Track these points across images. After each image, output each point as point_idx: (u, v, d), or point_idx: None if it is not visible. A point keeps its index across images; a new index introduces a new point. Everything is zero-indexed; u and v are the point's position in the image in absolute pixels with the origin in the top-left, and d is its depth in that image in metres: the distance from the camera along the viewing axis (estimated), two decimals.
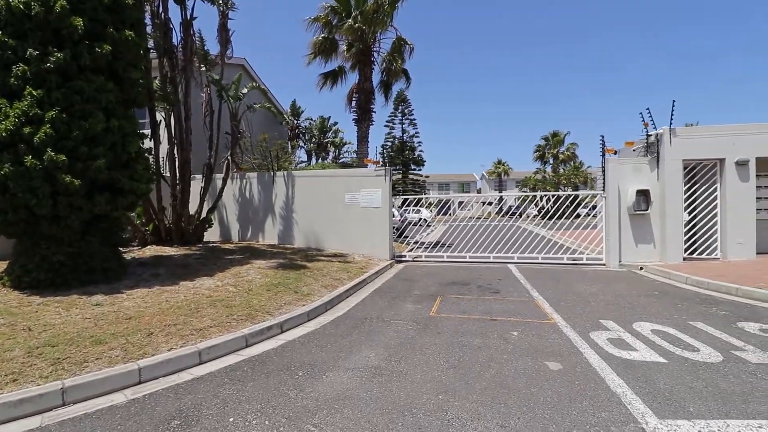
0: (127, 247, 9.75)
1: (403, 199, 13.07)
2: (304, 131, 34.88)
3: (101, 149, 5.97)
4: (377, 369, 3.85)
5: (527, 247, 10.97)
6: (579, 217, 16.30)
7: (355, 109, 16.76)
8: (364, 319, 5.62)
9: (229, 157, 12.20)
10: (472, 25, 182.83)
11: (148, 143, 7.98)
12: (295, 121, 32.48)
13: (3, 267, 6.49)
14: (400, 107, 32.86)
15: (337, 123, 36.21)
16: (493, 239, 11.55)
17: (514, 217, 20.30)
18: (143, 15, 7.44)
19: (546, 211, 12.63)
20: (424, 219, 21.63)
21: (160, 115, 10.67)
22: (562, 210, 11.81)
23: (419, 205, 16.74)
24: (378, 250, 10.69)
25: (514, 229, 12.05)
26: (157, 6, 10.09)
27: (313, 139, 35.55)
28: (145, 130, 8.74)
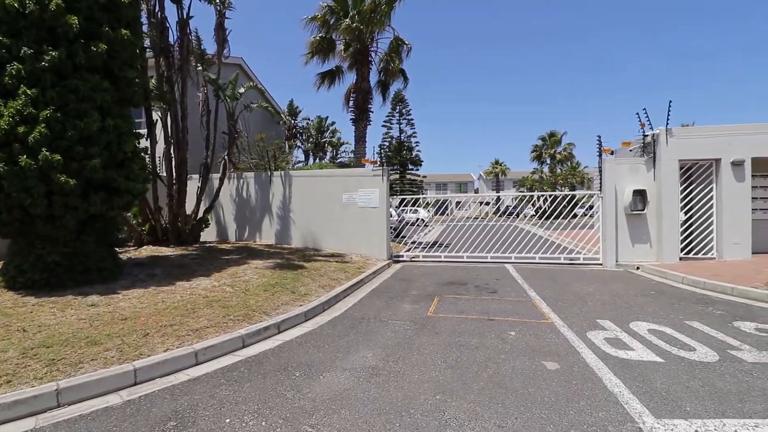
0: (123, 247, 9.70)
1: (400, 199, 13.07)
2: (301, 131, 34.84)
3: (97, 149, 5.93)
4: (375, 369, 3.84)
5: (524, 247, 10.98)
6: (576, 217, 16.37)
7: (352, 109, 16.75)
8: (361, 319, 5.61)
9: (226, 157, 12.16)
10: (470, 24, 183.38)
11: (144, 143, 7.93)
12: (293, 121, 32.44)
13: None
14: (398, 107, 32.87)
15: (334, 123, 36.26)
16: (490, 239, 11.56)
17: (511, 217, 20.34)
18: (139, 14, 7.40)
19: (543, 211, 12.66)
20: (421, 219, 21.65)
21: (156, 115, 10.64)
22: (559, 210, 11.83)
23: (417, 205, 16.74)
24: (375, 250, 10.68)
25: (512, 229, 12.07)
26: (153, 5, 10.05)
27: (310, 139, 35.52)
28: (141, 129, 8.70)
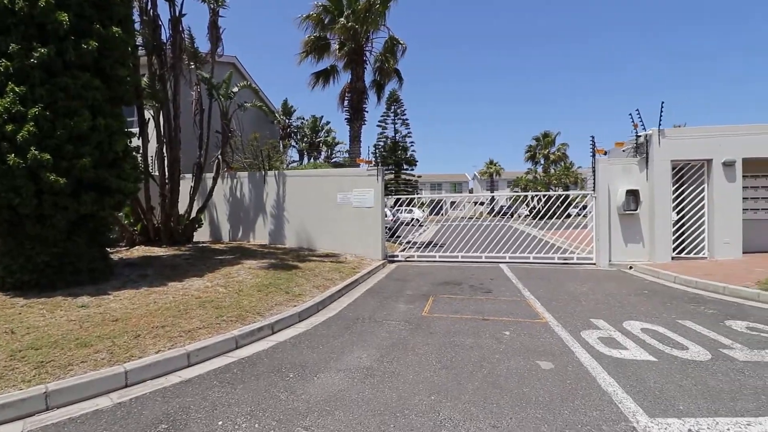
0: (115, 248, 9.59)
1: (395, 199, 13.05)
2: (296, 130, 34.72)
3: (87, 148, 5.85)
4: (369, 370, 3.81)
5: (519, 247, 11.02)
6: (570, 217, 16.45)
7: (347, 109, 16.72)
8: (356, 319, 5.58)
9: (219, 156, 12.06)
10: (470, 24, 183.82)
11: (136, 142, 7.85)
12: (287, 121, 32.31)
13: None
14: (393, 107, 32.87)
15: (329, 122, 36.17)
16: (485, 239, 11.59)
17: (505, 217, 20.41)
18: (131, 11, 7.32)
19: (537, 211, 12.72)
20: (416, 219, 21.65)
21: (148, 114, 10.52)
22: (553, 210, 11.89)
23: (411, 204, 16.74)
24: (370, 250, 10.66)
25: (506, 229, 12.11)
26: (145, 2, 9.95)
27: (305, 139, 35.41)
28: (133, 128, 8.60)
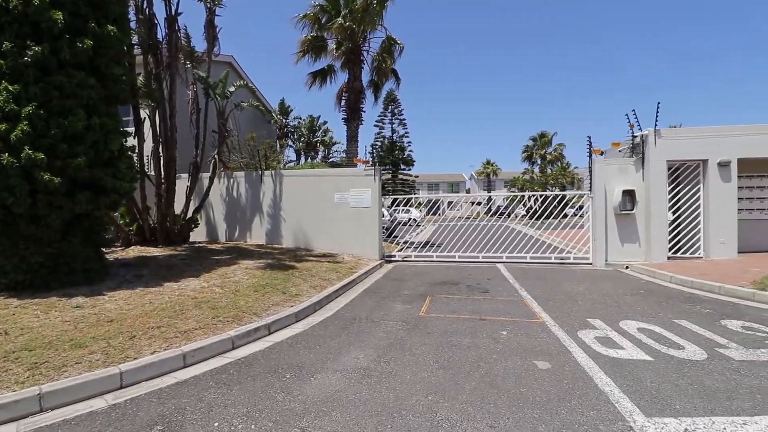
0: (110, 248, 9.52)
1: (392, 199, 13.04)
2: (293, 130, 34.62)
3: (82, 147, 5.80)
4: (366, 370, 3.80)
5: (516, 247, 11.04)
6: (566, 217, 16.51)
7: (344, 109, 16.69)
8: (353, 319, 5.57)
9: (216, 156, 12.02)
10: (467, 24, 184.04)
11: (131, 141, 7.79)
12: (284, 120, 32.23)
13: None
14: (390, 107, 32.88)
15: (326, 122, 36.06)
16: (482, 239, 11.60)
17: (502, 217, 20.45)
18: (127, 10, 7.27)
19: (534, 211, 12.75)
20: (413, 219, 21.65)
21: (144, 113, 10.46)
22: (549, 210, 11.91)
23: (409, 204, 16.73)
24: (367, 250, 10.64)
25: (503, 228, 12.13)
26: (141, 1, 9.89)
27: (302, 138, 35.32)
28: (128, 127, 8.54)
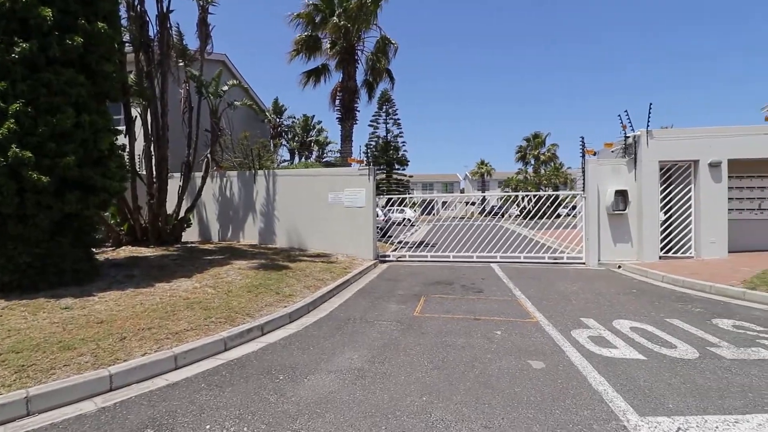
0: (100, 248, 9.40)
1: (387, 199, 13.05)
2: (286, 129, 34.49)
3: (71, 146, 5.70)
4: (360, 371, 3.78)
5: (510, 247, 11.08)
6: (560, 217, 16.61)
7: (338, 108, 16.65)
8: (347, 320, 5.54)
9: (208, 155, 11.92)
10: (459, 23, 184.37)
11: (122, 140, 7.70)
12: (278, 119, 32.09)
13: None
14: (384, 107, 32.89)
15: (320, 122, 36.03)
16: (476, 239, 11.63)
17: (496, 216, 20.53)
18: (117, 7, 7.16)
19: (528, 211, 12.80)
20: (408, 219, 21.66)
21: (135, 111, 10.34)
22: (543, 210, 11.98)
23: (403, 204, 16.74)
24: (362, 250, 10.61)
25: (497, 228, 12.17)
26: None
27: (296, 138, 35.19)
28: (119, 126, 8.43)
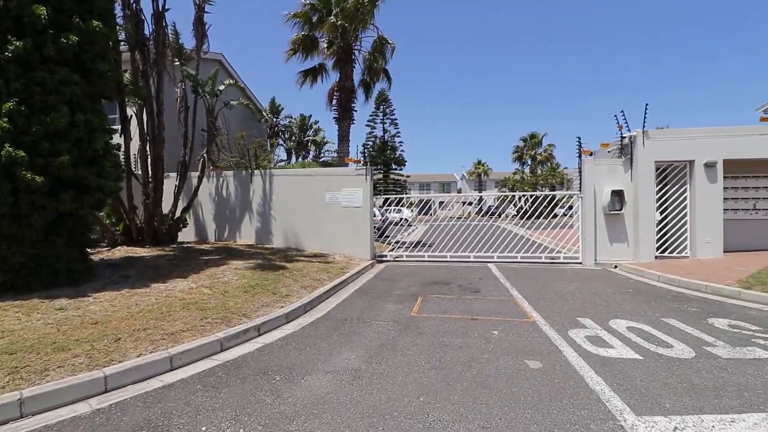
0: (96, 248, 9.33)
1: (384, 199, 13.01)
2: (283, 129, 34.40)
3: (66, 145, 5.66)
4: (357, 371, 3.77)
5: (506, 247, 11.09)
6: (556, 217, 16.65)
7: (335, 108, 16.62)
8: (344, 320, 5.53)
9: (205, 155, 11.85)
10: (456, 22, 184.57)
11: (117, 139, 7.65)
12: (275, 119, 32.00)
13: None
14: (382, 107, 32.78)
15: (318, 122, 35.93)
16: (473, 239, 11.64)
17: (493, 216, 20.57)
18: (112, 5, 7.12)
19: (524, 211, 12.83)
20: (405, 219, 21.65)
21: (131, 111, 10.26)
22: (540, 210, 12.00)
23: (400, 204, 16.72)
24: (359, 250, 10.59)
25: (494, 228, 12.18)
26: None
27: (293, 138, 35.10)
28: (115, 125, 8.37)
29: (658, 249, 9.99)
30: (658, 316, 5.49)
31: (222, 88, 11.96)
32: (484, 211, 30.88)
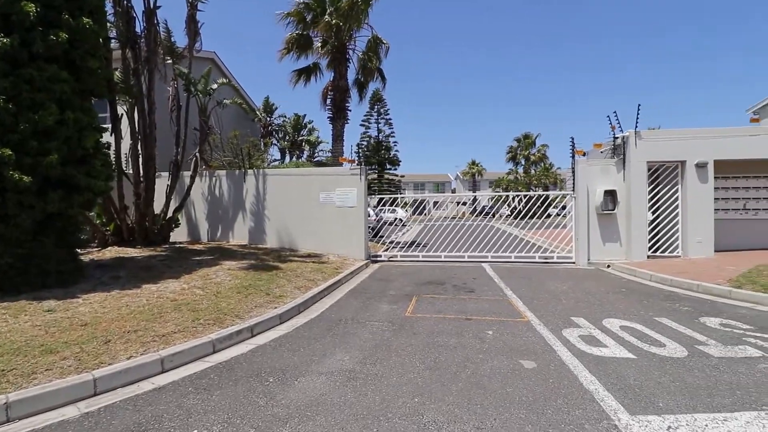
0: (86, 249, 9.20)
1: (378, 199, 13.01)
2: (277, 129, 34.26)
3: (55, 143, 5.56)
4: (352, 373, 3.74)
5: (501, 247, 11.12)
6: (550, 216, 16.75)
7: (329, 108, 16.55)
8: (338, 320, 5.49)
9: (197, 154, 11.74)
10: (450, 22, 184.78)
11: (108, 138, 7.52)
12: (269, 118, 31.85)
13: None
14: (376, 107, 32.82)
15: (312, 121, 35.84)
16: (467, 239, 11.66)
17: (487, 216, 20.63)
18: (103, 2, 7.00)
19: (518, 211, 12.88)
20: (399, 219, 21.65)
21: (122, 109, 10.13)
22: (533, 210, 12.06)
23: (395, 204, 16.71)
24: (353, 250, 10.56)
25: (488, 228, 12.21)
26: None
27: (287, 137, 34.97)
28: (105, 124, 8.24)
29: (650, 248, 10.08)
30: (651, 315, 5.53)
31: (215, 86, 11.86)
32: (478, 211, 30.99)
